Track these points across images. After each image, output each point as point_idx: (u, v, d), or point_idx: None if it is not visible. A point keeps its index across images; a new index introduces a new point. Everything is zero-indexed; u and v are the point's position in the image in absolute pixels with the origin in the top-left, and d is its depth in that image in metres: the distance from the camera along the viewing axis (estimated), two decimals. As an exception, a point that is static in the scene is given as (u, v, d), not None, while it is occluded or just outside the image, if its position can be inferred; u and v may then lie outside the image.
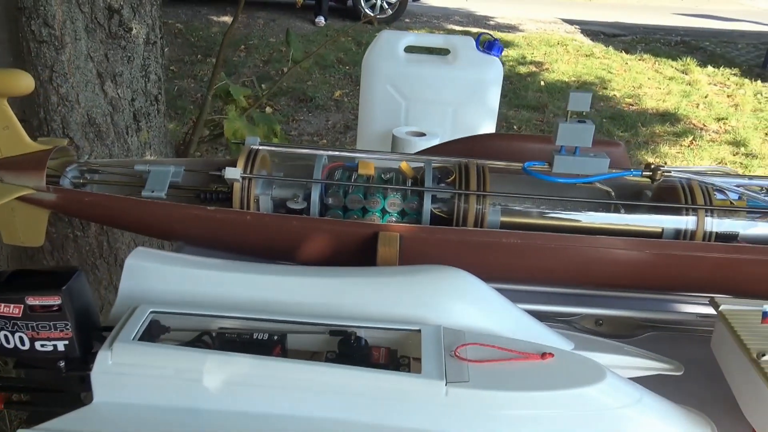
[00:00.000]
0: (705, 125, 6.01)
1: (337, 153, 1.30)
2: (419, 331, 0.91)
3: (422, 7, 9.92)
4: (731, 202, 1.23)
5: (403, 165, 1.27)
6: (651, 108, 6.34)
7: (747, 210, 1.21)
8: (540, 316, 1.25)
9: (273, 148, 1.27)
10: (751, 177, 1.36)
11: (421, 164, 1.28)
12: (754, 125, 6.04)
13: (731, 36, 9.60)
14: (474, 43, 2.64)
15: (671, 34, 9.42)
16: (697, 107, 6.43)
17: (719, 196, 1.24)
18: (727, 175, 1.33)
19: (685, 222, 1.20)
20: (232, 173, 1.17)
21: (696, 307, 1.34)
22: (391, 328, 0.92)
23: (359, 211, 1.22)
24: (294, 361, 0.86)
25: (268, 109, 6.33)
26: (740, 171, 5.08)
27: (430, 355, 0.87)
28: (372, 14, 8.24)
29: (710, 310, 1.12)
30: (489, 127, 2.77)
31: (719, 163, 5.23)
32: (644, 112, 6.22)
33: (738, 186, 1.26)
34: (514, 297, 1.27)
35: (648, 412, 0.88)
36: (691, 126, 5.96)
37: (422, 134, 2.42)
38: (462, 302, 0.97)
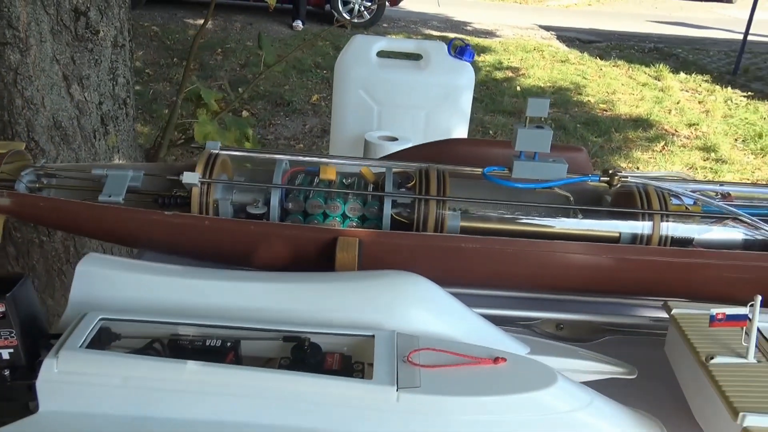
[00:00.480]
0: (677, 131, 6.10)
1: (298, 158, 1.29)
2: (373, 336, 0.91)
3: (400, 12, 9.95)
4: (686, 208, 1.25)
5: (364, 170, 1.28)
6: (624, 113, 6.43)
7: (701, 215, 1.23)
8: (501, 321, 1.26)
9: (233, 153, 1.27)
10: (707, 182, 1.38)
11: (384, 169, 1.28)
12: (724, 131, 6.15)
13: (703, 43, 9.78)
14: (446, 48, 2.65)
15: (645, 41, 9.57)
16: (669, 113, 6.53)
17: (675, 201, 1.26)
18: (684, 180, 1.36)
19: (642, 227, 1.21)
20: (191, 178, 1.16)
21: (654, 311, 1.36)
22: (344, 334, 0.92)
23: (320, 216, 1.22)
24: (245, 368, 0.86)
25: (244, 113, 6.30)
26: (710, 176, 5.17)
27: (382, 361, 0.87)
28: (349, 18, 8.26)
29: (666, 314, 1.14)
30: (461, 131, 2.79)
31: (690, 168, 5.32)
32: (618, 117, 6.31)
33: (694, 191, 1.28)
34: (475, 301, 1.28)
35: (598, 415, 0.89)
36: (663, 131, 6.05)
37: (394, 139, 2.43)
38: (417, 307, 0.97)
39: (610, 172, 1.26)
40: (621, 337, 1.31)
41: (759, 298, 0.92)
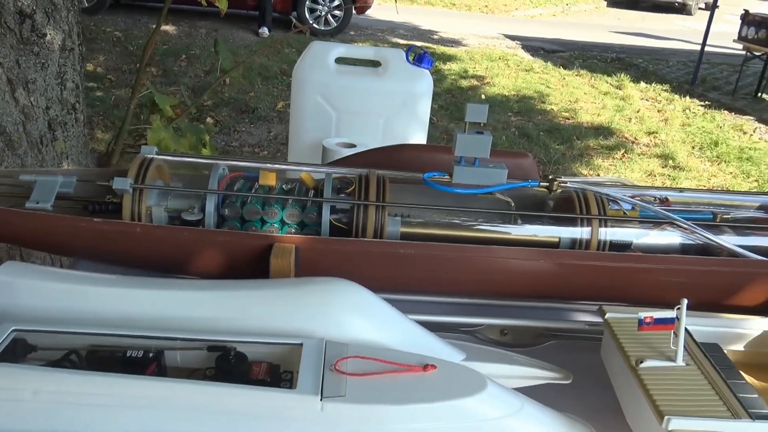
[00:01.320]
0: (636, 139, 6.22)
1: (237, 163, 1.27)
2: (301, 345, 0.89)
3: (368, 21, 9.98)
4: (624, 213, 1.26)
5: (304, 176, 1.26)
6: (586, 122, 6.53)
7: (639, 220, 1.24)
8: (444, 327, 1.26)
9: (169, 158, 1.24)
10: (646, 188, 1.40)
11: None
12: (682, 139, 6.30)
13: (663, 54, 10.02)
14: (404, 55, 2.66)
15: (607, 51, 9.77)
16: (630, 121, 6.66)
17: (615, 206, 1.27)
18: (624, 186, 1.37)
19: (580, 232, 1.22)
20: (121, 183, 1.13)
21: (596, 316, 1.37)
22: (271, 343, 0.90)
23: (257, 223, 1.20)
24: (165, 380, 0.83)
25: (209, 120, 6.22)
26: (668, 183, 5.28)
27: (307, 370, 0.85)
28: (307, 25, 8.24)
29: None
30: (420, 138, 2.78)
31: (648, 175, 5.42)
32: (580, 125, 6.40)
33: (633, 196, 1.30)
34: (418, 308, 1.27)
35: (528, 421, 0.88)
36: (624, 139, 6.17)
37: (353, 145, 2.41)
38: (349, 315, 0.95)
39: (550, 177, 1.26)
40: (564, 342, 1.31)
41: (685, 301, 0.93)
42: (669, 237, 1.27)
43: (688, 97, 7.70)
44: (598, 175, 5.33)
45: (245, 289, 0.95)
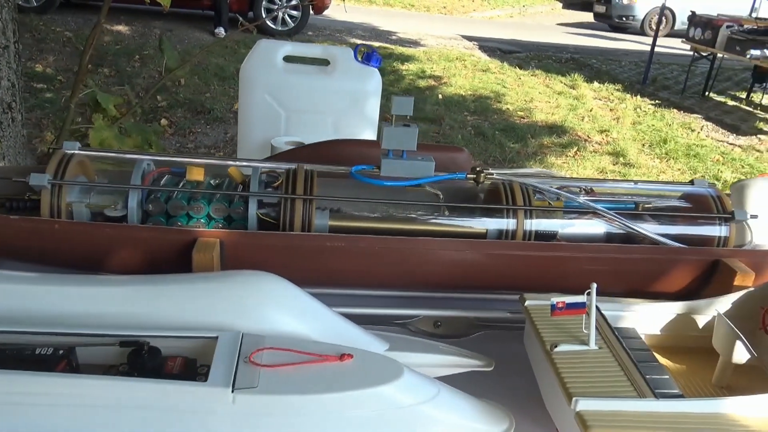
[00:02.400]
0: (589, 137, 6.36)
1: (163, 158, 1.25)
2: (217, 338, 0.89)
3: (325, 21, 9.95)
4: (549, 203, 1.28)
5: (232, 170, 1.25)
6: (541, 120, 6.64)
7: (564, 210, 1.27)
8: (376, 320, 1.26)
9: (91, 153, 1.21)
10: (572, 179, 1.43)
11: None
12: (632, 137, 6.46)
13: (616, 54, 10.27)
14: (353, 53, 2.66)
15: (562, 52, 9.96)
16: (583, 120, 6.80)
17: (541, 197, 1.30)
18: (551, 177, 1.40)
19: (506, 223, 1.24)
20: (38, 179, 1.10)
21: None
22: (186, 336, 0.89)
23: (183, 218, 1.18)
24: (72, 376, 0.81)
25: (163, 121, 6.11)
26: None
27: (220, 363, 0.84)
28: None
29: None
30: (369, 136, 2.79)
31: (600, 172, 5.54)
32: (534, 124, 6.51)
33: (560, 188, 1.33)
34: (350, 301, 1.27)
35: (444, 407, 0.89)
36: (577, 138, 6.29)
37: (302, 144, 2.40)
38: (268, 307, 0.95)
39: (477, 169, 1.28)
40: (495, 332, 1.33)
41: (594, 286, 0.95)
42: (594, 226, 1.30)
43: (639, 97, 7.90)
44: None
45: (160, 284, 0.94)
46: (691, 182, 1.37)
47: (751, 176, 5.74)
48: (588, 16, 14.04)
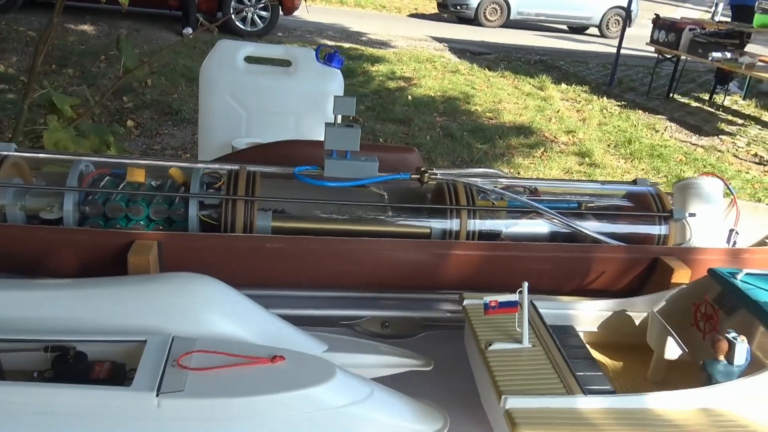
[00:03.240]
0: (556, 138, 6.42)
1: (102, 159, 1.23)
2: (145, 341, 0.87)
3: (296, 22, 9.90)
4: (493, 203, 1.29)
5: (173, 171, 1.23)
6: (509, 121, 6.69)
7: (507, 210, 1.28)
8: (322, 322, 1.26)
9: (27, 154, 1.19)
10: (519, 179, 1.45)
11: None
12: (598, 137, 6.54)
13: (584, 56, 10.40)
14: (314, 54, 2.65)
15: (531, 54, 10.05)
16: (550, 121, 6.87)
17: (485, 197, 1.31)
18: (497, 177, 1.41)
19: (450, 223, 1.24)
20: (-33, 182, 1.07)
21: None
22: (114, 341, 0.87)
23: (122, 220, 1.17)
24: (-9, 382, 0.79)
25: (129, 123, 6.02)
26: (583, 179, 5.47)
27: (147, 367, 0.83)
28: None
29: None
30: (331, 137, 2.78)
31: (566, 172, 5.60)
32: (502, 125, 6.55)
33: (505, 188, 1.34)
34: (293, 302, 1.27)
35: (378, 407, 0.89)
36: (544, 138, 6.35)
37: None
38: (201, 309, 0.94)
39: (422, 169, 1.29)
40: (443, 332, 1.33)
41: (526, 284, 0.96)
42: (538, 226, 1.31)
43: (605, 98, 8.01)
44: (519, 173, 5.48)
45: (88, 287, 0.92)
46: (634, 182, 1.40)
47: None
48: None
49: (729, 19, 8.22)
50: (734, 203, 1.48)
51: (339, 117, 1.21)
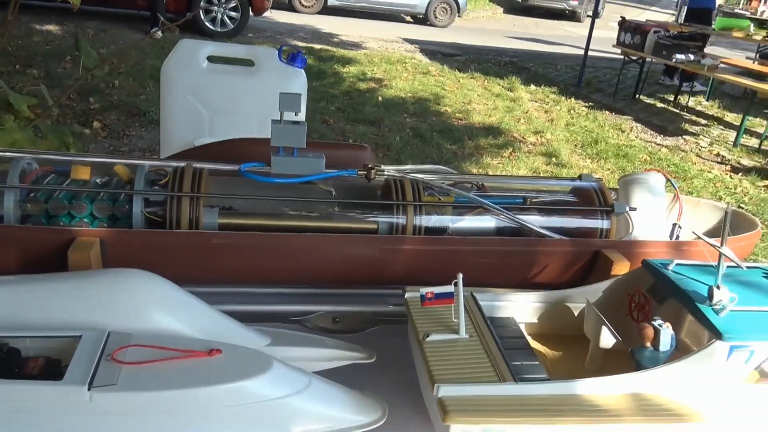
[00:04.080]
0: (524, 138, 6.50)
1: (46, 156, 1.22)
2: (80, 337, 0.87)
3: (266, 23, 9.86)
4: (439, 199, 1.31)
5: (119, 168, 1.23)
6: (478, 122, 6.75)
7: (452, 205, 1.30)
8: (271, 317, 1.26)
9: (-34, 153, 1.17)
10: (466, 175, 1.47)
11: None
12: (565, 138, 6.64)
13: (553, 58, 10.54)
14: (277, 54, 2.65)
15: (501, 55, 10.16)
16: (519, 122, 6.95)
17: (431, 193, 1.33)
18: (445, 174, 1.43)
19: (396, 219, 1.26)
20: None
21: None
22: (48, 336, 0.87)
23: (65, 218, 1.16)
24: None
25: (95, 124, 5.94)
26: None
27: (81, 361, 0.83)
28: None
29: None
30: (295, 137, 2.78)
31: (533, 172, 5.68)
32: (472, 126, 6.61)
33: (453, 184, 1.36)
34: (242, 299, 1.27)
35: (315, 398, 0.90)
36: (512, 139, 6.42)
37: (224, 145, 2.38)
38: (139, 305, 0.94)
39: (369, 166, 1.30)
40: (393, 326, 1.35)
41: (460, 276, 0.98)
42: (485, 221, 1.34)
43: (573, 99, 8.13)
44: (487, 173, 5.53)
45: (23, 284, 0.92)
46: (579, 177, 1.43)
47: (675, 175, 5.99)
48: (528, 22, 14.40)
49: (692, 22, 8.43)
50: (677, 199, 1.53)
51: (284, 114, 1.22)
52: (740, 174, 6.12)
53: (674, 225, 1.48)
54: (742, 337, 0.91)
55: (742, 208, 5.36)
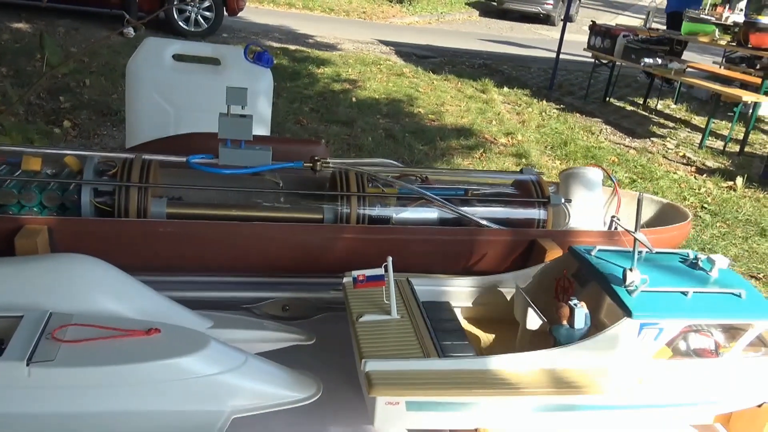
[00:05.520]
0: (495, 139, 6.60)
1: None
2: (22, 316, 0.91)
3: (241, 23, 9.86)
4: (383, 190, 1.37)
5: (69, 159, 1.26)
6: (450, 123, 6.84)
7: (395, 196, 1.36)
8: (220, 305, 1.30)
9: None
10: (412, 168, 1.53)
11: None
12: (536, 139, 6.75)
13: (526, 61, 10.69)
14: (242, 53, 2.68)
15: (476, 58, 10.28)
16: (491, 123, 7.05)
17: (376, 185, 1.38)
18: (393, 167, 1.49)
19: (341, 209, 1.31)
20: None
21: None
22: (-11, 316, 0.91)
23: (15, 207, 1.19)
24: None
25: (66, 123, 5.90)
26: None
27: (20, 339, 0.87)
28: (186, 27, 8.04)
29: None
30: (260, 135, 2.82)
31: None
32: (444, 127, 6.69)
33: (399, 176, 1.41)
34: (190, 287, 1.31)
35: (250, 375, 0.95)
36: (484, 140, 6.52)
37: (187, 142, 2.40)
38: (81, 287, 0.98)
39: (315, 158, 1.35)
40: (340, 314, 1.40)
41: (390, 259, 1.04)
42: (428, 212, 1.40)
43: (545, 101, 8.26)
44: (434, 167, 5.59)
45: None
46: (521, 171, 1.50)
47: (642, 176, 6.12)
48: (503, 25, 14.57)
49: (663, 27, 8.60)
50: (616, 192, 1.60)
51: (231, 107, 1.26)
52: (705, 175, 6.28)
53: (612, 217, 1.55)
54: (651, 315, 0.97)
55: (705, 208, 5.52)
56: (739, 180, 5.98)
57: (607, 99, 8.78)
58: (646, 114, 8.65)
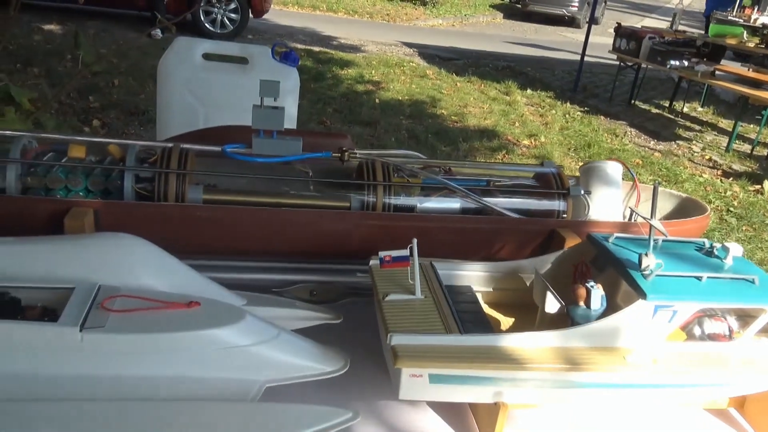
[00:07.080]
0: (518, 141, 6.61)
1: (46, 135, 1.33)
2: (74, 288, 0.98)
3: (266, 25, 10.00)
4: (408, 180, 1.42)
5: (111, 148, 1.34)
6: (473, 125, 6.87)
7: (420, 186, 1.41)
8: (253, 287, 1.37)
9: (-26, 131, 1.28)
10: (435, 160, 1.58)
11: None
12: (559, 141, 6.75)
13: (550, 63, 10.67)
14: (270, 52, 2.76)
15: (499, 60, 10.29)
16: (514, 125, 7.06)
17: (401, 175, 1.44)
18: (417, 158, 1.54)
19: (367, 197, 1.37)
20: None
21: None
22: (45, 287, 0.98)
23: (62, 191, 1.27)
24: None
25: (95, 123, 6.06)
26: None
27: (73, 308, 0.94)
28: (212, 29, 8.19)
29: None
30: (287, 133, 2.90)
31: (525, 173, 5.77)
32: (467, 128, 6.73)
33: (422, 167, 1.47)
34: (227, 270, 1.38)
35: (283, 347, 1.01)
36: (506, 141, 6.53)
37: (218, 140, 2.49)
38: (128, 263, 1.05)
39: (343, 149, 1.41)
40: (364, 298, 1.45)
41: (415, 240, 1.09)
42: (451, 202, 1.45)
43: (569, 103, 8.24)
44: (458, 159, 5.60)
45: (26, 243, 1.03)
46: (542, 164, 1.54)
47: (667, 179, 6.08)
48: (527, 28, 14.54)
49: (688, 29, 8.52)
50: (636, 186, 1.64)
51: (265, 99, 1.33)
52: (731, 178, 6.21)
53: (631, 210, 1.58)
54: (665, 297, 1.01)
55: (731, 212, 5.47)
56: (766, 183, 5.91)
57: (633, 101, 8.72)
58: (672, 117, 8.57)
